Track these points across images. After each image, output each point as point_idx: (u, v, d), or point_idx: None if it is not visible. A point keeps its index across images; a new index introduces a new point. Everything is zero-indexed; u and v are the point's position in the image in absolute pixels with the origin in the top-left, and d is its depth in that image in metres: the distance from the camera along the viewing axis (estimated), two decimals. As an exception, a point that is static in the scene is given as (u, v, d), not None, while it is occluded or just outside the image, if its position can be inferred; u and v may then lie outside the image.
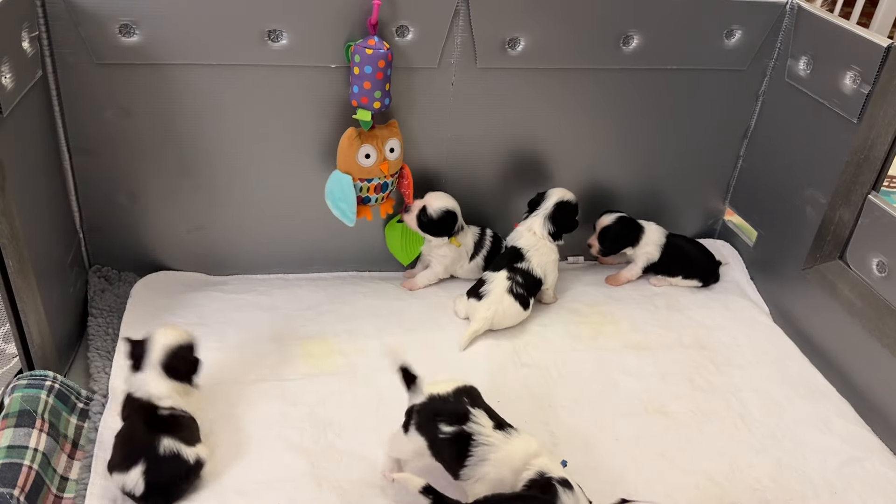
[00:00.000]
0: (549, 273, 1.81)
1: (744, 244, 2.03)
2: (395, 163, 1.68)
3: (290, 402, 1.50)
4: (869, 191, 1.57)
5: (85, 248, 1.74)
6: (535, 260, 1.78)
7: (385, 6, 1.55)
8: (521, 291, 1.74)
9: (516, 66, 1.71)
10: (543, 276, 1.79)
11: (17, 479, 1.21)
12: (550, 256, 1.81)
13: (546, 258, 1.80)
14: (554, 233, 1.81)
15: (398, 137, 1.67)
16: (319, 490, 1.33)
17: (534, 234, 1.80)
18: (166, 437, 1.26)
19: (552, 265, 1.82)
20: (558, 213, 1.81)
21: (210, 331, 1.66)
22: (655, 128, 1.89)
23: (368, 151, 1.63)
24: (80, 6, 1.45)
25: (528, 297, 1.76)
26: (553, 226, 1.80)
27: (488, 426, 1.26)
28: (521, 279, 1.75)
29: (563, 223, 1.82)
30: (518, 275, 1.75)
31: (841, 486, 1.43)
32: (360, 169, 1.64)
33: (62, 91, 1.53)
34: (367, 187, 1.67)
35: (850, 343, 1.63)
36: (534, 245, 1.79)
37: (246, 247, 1.83)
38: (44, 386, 1.38)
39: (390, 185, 1.71)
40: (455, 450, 1.25)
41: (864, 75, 1.56)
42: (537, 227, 1.80)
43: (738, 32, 1.78)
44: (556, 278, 1.84)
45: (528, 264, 1.77)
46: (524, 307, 1.75)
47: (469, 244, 1.87)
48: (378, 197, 1.70)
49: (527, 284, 1.76)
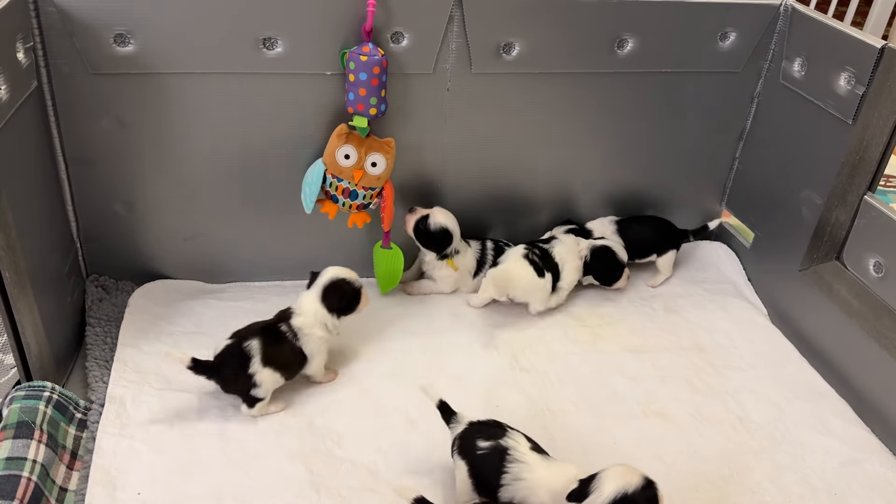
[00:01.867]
0: (567, 270, 1.81)
1: (741, 246, 2.03)
2: (372, 178, 1.66)
3: (289, 409, 1.50)
4: (865, 191, 1.58)
5: (82, 258, 1.74)
6: (559, 248, 1.81)
7: (379, 13, 1.56)
8: (536, 260, 1.76)
9: (511, 70, 1.72)
10: (561, 266, 1.80)
11: (16, 490, 1.20)
12: (573, 254, 1.83)
13: (570, 254, 1.82)
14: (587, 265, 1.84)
15: (386, 155, 1.65)
16: (318, 498, 1.33)
17: (576, 244, 1.85)
18: (255, 342, 1.43)
19: (572, 265, 1.82)
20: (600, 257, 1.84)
21: (208, 339, 1.65)
22: (651, 131, 1.89)
23: (349, 153, 1.63)
24: (75, 16, 1.45)
25: (543, 268, 1.76)
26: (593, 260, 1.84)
27: (524, 446, 1.28)
28: (538, 253, 1.78)
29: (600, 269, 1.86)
30: (537, 249, 1.79)
31: (840, 488, 1.43)
32: (335, 165, 1.65)
33: (57, 101, 1.53)
34: (335, 185, 1.67)
35: (848, 344, 1.63)
36: (565, 241, 1.83)
37: (243, 255, 1.83)
38: (42, 397, 1.38)
39: (360, 196, 1.68)
40: (491, 466, 1.26)
41: (858, 76, 1.56)
42: (584, 246, 1.85)
43: (732, 35, 1.79)
44: (572, 282, 1.83)
45: (551, 249, 1.80)
46: (539, 274, 1.75)
47: (470, 264, 1.85)
48: (345, 201, 1.69)
49: (543, 260, 1.77)
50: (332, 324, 1.53)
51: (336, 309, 1.52)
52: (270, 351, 1.45)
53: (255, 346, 1.44)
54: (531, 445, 1.29)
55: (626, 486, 1.15)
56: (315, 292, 1.52)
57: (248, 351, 1.43)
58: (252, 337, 1.45)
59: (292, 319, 1.50)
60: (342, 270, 1.54)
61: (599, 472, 1.19)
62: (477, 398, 1.56)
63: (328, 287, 1.52)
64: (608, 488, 1.16)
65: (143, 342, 1.62)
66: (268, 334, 1.47)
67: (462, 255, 1.84)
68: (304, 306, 1.52)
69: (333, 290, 1.52)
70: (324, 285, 1.52)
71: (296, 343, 1.49)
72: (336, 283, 1.52)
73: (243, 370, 1.43)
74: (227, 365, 1.43)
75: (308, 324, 1.50)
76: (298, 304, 1.52)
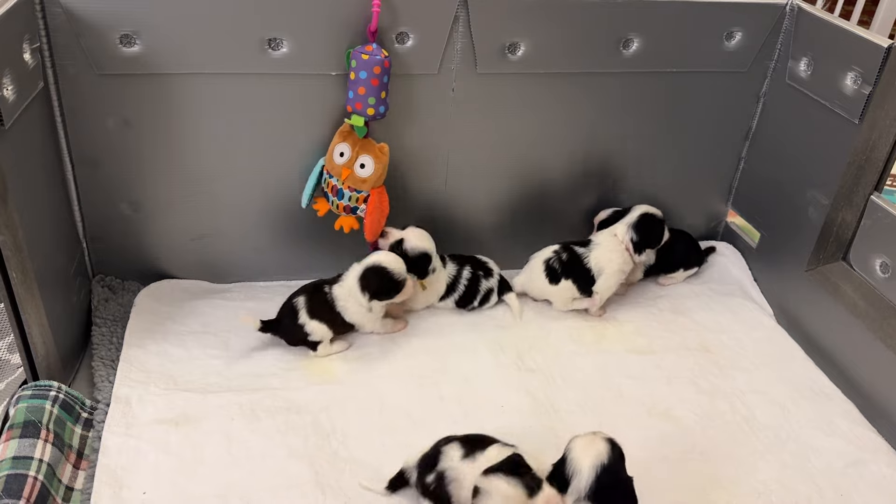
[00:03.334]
0: (605, 274, 1.76)
1: (747, 246, 2.03)
2: (358, 179, 1.64)
3: (294, 409, 1.50)
4: (871, 192, 1.57)
5: (88, 258, 1.74)
6: (596, 252, 1.77)
7: (385, 13, 1.56)
8: (556, 266, 1.75)
9: (516, 71, 1.72)
10: (596, 273, 1.76)
11: (22, 490, 1.21)
12: (615, 260, 1.77)
13: (609, 257, 1.77)
14: (637, 243, 1.77)
15: (376, 159, 1.62)
16: (324, 498, 1.33)
17: (614, 235, 1.79)
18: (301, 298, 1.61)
19: (613, 270, 1.76)
20: (643, 224, 1.79)
21: (214, 338, 1.66)
22: (657, 131, 1.89)
23: (343, 151, 1.63)
24: (81, 17, 1.46)
25: (561, 275, 1.75)
26: (637, 235, 1.78)
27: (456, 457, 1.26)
28: (566, 258, 1.76)
29: (648, 236, 1.79)
30: (566, 253, 1.76)
31: (846, 488, 1.43)
32: (331, 161, 1.66)
33: (64, 102, 1.54)
34: (327, 181, 1.68)
35: (855, 344, 1.63)
36: (605, 243, 1.79)
37: (248, 254, 1.83)
38: (48, 396, 1.38)
39: (346, 197, 1.66)
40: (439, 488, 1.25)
41: (864, 76, 1.56)
42: (620, 231, 1.79)
43: (738, 34, 1.78)
44: (610, 287, 1.78)
45: (587, 252, 1.77)
46: (552, 281, 1.75)
47: (440, 286, 1.78)
48: (333, 199, 1.68)
49: (569, 265, 1.75)
50: (365, 303, 1.61)
51: (368, 291, 1.60)
52: (314, 306, 1.61)
53: (301, 302, 1.61)
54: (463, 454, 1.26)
55: (599, 456, 1.16)
56: (357, 270, 1.62)
57: (296, 305, 1.60)
58: (300, 294, 1.63)
59: (335, 285, 1.64)
60: (388, 257, 1.62)
61: (566, 452, 1.19)
62: (482, 399, 1.56)
63: (367, 270, 1.61)
64: (584, 466, 1.16)
65: (149, 342, 1.63)
66: (313, 292, 1.63)
67: (436, 278, 1.76)
68: (347, 279, 1.63)
69: (371, 274, 1.61)
70: (364, 267, 1.62)
71: (335, 307, 1.62)
72: (375, 269, 1.61)
73: (295, 322, 1.60)
74: (285, 319, 1.61)
75: (342, 296, 1.62)
76: (346, 275, 1.64)
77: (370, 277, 1.60)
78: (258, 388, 1.54)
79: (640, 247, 1.79)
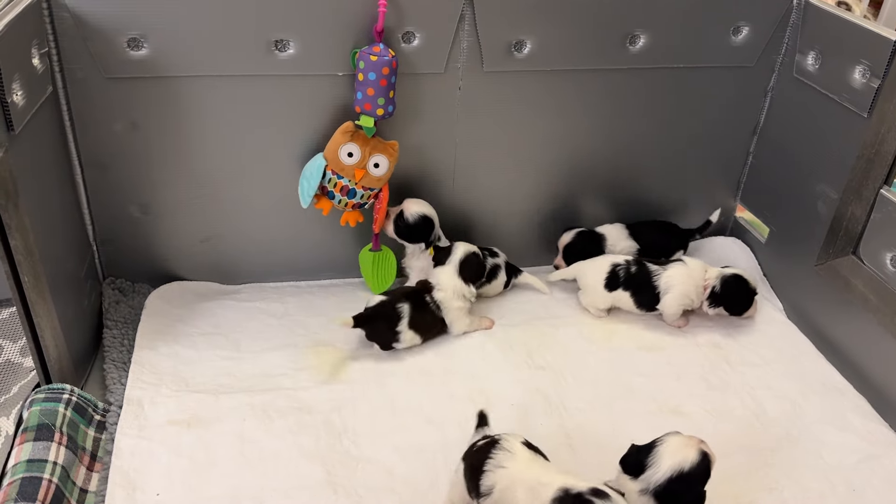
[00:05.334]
0: (670, 296, 1.74)
1: (756, 241, 2.02)
2: (374, 178, 1.66)
3: (305, 409, 1.51)
4: (881, 185, 1.56)
5: (99, 261, 1.75)
6: (673, 272, 1.74)
7: (391, 13, 1.56)
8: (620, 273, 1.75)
9: (523, 68, 1.71)
10: (663, 291, 1.74)
11: (37, 492, 1.22)
12: (684, 284, 1.73)
13: (682, 280, 1.73)
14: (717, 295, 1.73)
15: (389, 157, 1.65)
16: (336, 497, 1.33)
17: (704, 270, 1.76)
18: (406, 305, 1.63)
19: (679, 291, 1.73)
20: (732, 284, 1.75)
21: (224, 340, 1.67)
22: (664, 126, 1.89)
23: (352, 151, 1.63)
24: (89, 21, 1.46)
25: (619, 284, 1.75)
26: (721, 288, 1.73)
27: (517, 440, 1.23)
28: (635, 271, 1.75)
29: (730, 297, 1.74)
30: (637, 266, 1.75)
31: (859, 484, 1.42)
32: (337, 161, 1.65)
33: (73, 106, 1.54)
34: (334, 181, 1.67)
35: (866, 339, 1.62)
36: (690, 265, 1.75)
37: (258, 255, 1.83)
38: (61, 399, 1.39)
39: (358, 196, 1.68)
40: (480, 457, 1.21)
41: (873, 69, 1.55)
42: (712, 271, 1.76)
43: (745, 29, 1.78)
44: (674, 314, 1.76)
45: (660, 270, 1.75)
46: (609, 288, 1.76)
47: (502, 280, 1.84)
48: (342, 199, 1.68)
49: (635, 279, 1.74)
50: (470, 293, 1.70)
51: (472, 280, 1.69)
52: (417, 316, 1.64)
53: (406, 310, 1.63)
54: (524, 440, 1.24)
55: (683, 462, 1.16)
56: (451, 268, 1.68)
57: (400, 312, 1.62)
58: (404, 300, 1.64)
59: (434, 293, 1.67)
60: (470, 245, 1.71)
61: (657, 442, 1.19)
62: (492, 397, 1.56)
63: (463, 262, 1.68)
64: (665, 464, 1.16)
65: (160, 344, 1.63)
66: (416, 300, 1.65)
67: None
68: (442, 281, 1.67)
69: (465, 262, 1.69)
70: (459, 261, 1.68)
71: (437, 313, 1.68)
72: (469, 258, 1.69)
73: (391, 327, 1.62)
74: (379, 320, 1.62)
75: (448, 297, 1.67)
76: (437, 280, 1.68)
77: (466, 265, 1.69)
78: (269, 389, 1.55)
79: (716, 301, 1.74)
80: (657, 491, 1.17)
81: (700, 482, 1.18)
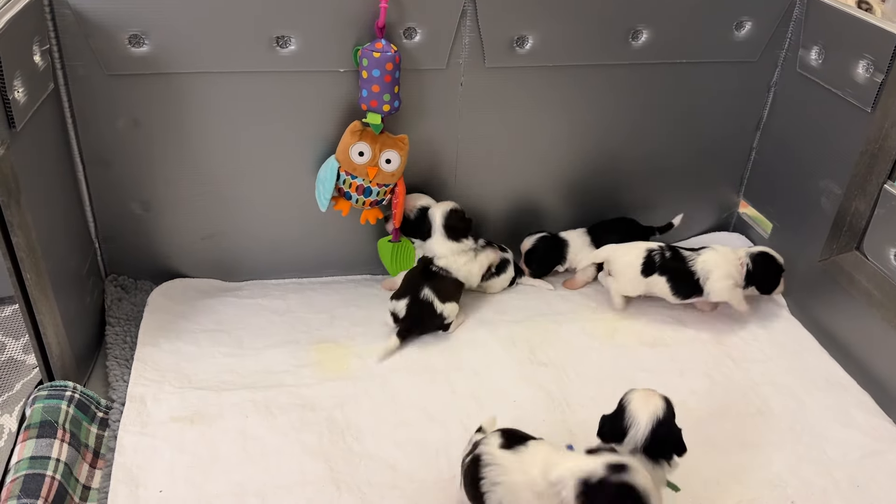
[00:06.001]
0: (714, 279, 1.70)
1: (759, 236, 2.02)
2: (387, 175, 1.66)
3: (308, 406, 1.51)
4: (885, 180, 1.56)
5: (101, 258, 1.75)
6: (707, 256, 1.72)
7: (392, 9, 1.55)
8: (656, 259, 1.72)
9: (525, 64, 1.71)
10: (704, 278, 1.71)
11: (40, 489, 1.22)
12: (722, 267, 1.71)
13: (719, 262, 1.71)
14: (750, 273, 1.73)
15: (400, 152, 1.65)
16: (339, 493, 1.33)
17: (733, 251, 1.74)
18: (427, 289, 1.65)
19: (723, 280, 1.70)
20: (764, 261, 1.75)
21: (226, 336, 1.67)
22: (667, 122, 1.88)
23: (363, 150, 1.63)
24: (90, 18, 1.46)
25: (655, 269, 1.72)
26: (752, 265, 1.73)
27: (494, 445, 1.20)
28: (669, 255, 1.73)
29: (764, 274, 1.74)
30: (671, 252, 1.73)
31: (863, 479, 1.42)
32: (349, 162, 1.65)
33: (74, 103, 1.54)
34: (349, 182, 1.67)
35: (869, 334, 1.62)
36: (721, 251, 1.73)
37: (260, 252, 1.83)
38: (64, 396, 1.39)
39: (374, 193, 1.68)
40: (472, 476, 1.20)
41: (877, 64, 1.54)
42: (742, 252, 1.75)
43: (748, 24, 1.77)
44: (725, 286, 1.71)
45: (695, 255, 1.72)
46: (645, 273, 1.73)
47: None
48: (359, 198, 1.69)
49: (670, 264, 1.72)
50: (467, 245, 1.74)
51: (463, 235, 1.74)
52: (441, 287, 1.67)
53: (429, 293, 1.65)
54: (501, 442, 1.21)
55: (656, 410, 1.20)
56: (439, 234, 1.72)
57: (428, 298, 1.65)
58: (422, 287, 1.66)
59: (437, 262, 1.72)
60: (446, 204, 1.74)
61: (624, 404, 1.22)
62: (494, 393, 1.56)
63: (447, 225, 1.72)
64: (643, 418, 1.19)
65: (163, 340, 1.63)
66: (429, 277, 1.69)
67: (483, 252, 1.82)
68: (437, 250, 1.72)
69: (451, 225, 1.73)
70: (443, 226, 1.72)
71: (451, 276, 1.72)
72: (450, 218, 1.73)
73: (433, 313, 1.66)
74: (419, 315, 1.65)
75: (451, 261, 1.72)
76: (431, 252, 1.73)
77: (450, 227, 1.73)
78: (272, 385, 1.55)
79: (750, 279, 1.74)
80: (645, 446, 1.19)
81: (674, 422, 1.22)
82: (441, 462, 1.40)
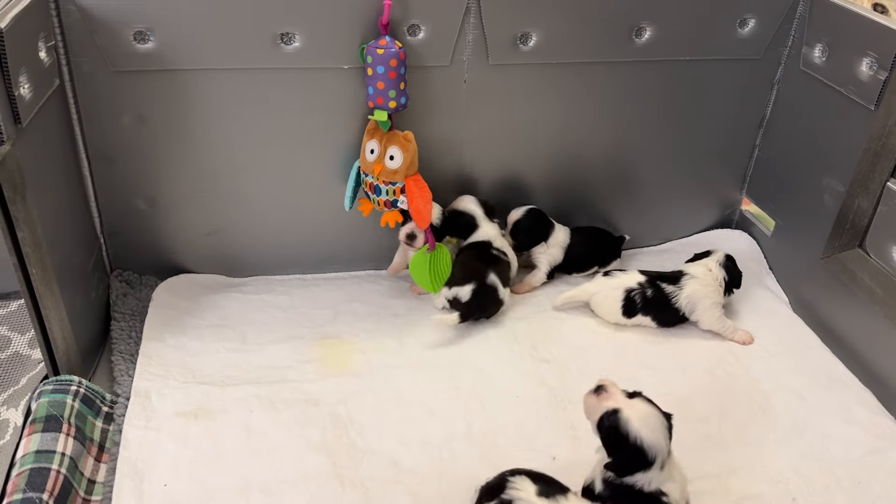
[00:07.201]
0: (700, 311, 1.72)
1: (762, 234, 2.02)
2: (390, 171, 1.65)
3: (311, 401, 1.51)
4: (887, 178, 1.56)
5: (106, 254, 1.76)
6: (690, 289, 1.72)
7: (396, 6, 1.56)
8: (637, 300, 1.71)
9: (528, 61, 1.71)
10: (689, 311, 1.72)
11: (45, 483, 1.23)
12: (709, 297, 1.72)
13: (704, 293, 1.72)
14: (727, 283, 1.75)
15: (402, 149, 1.63)
16: (342, 488, 1.34)
17: (709, 270, 1.75)
18: (493, 275, 1.71)
19: (710, 311, 1.72)
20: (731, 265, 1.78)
21: (231, 332, 1.68)
22: (670, 119, 1.88)
23: (374, 147, 1.64)
24: (95, 15, 1.47)
25: (637, 310, 1.72)
26: (727, 275, 1.75)
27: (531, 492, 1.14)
28: (651, 294, 1.72)
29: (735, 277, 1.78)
30: (652, 289, 1.72)
31: (864, 477, 1.42)
32: (364, 160, 1.67)
33: (79, 99, 1.55)
34: (365, 181, 1.69)
35: (872, 332, 1.62)
36: (700, 276, 1.74)
37: (264, 248, 1.84)
38: (69, 391, 1.40)
39: (384, 192, 1.67)
40: None
41: (880, 61, 1.54)
42: (714, 266, 1.75)
43: (751, 21, 1.77)
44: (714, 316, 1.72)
45: (677, 291, 1.72)
46: (626, 314, 1.73)
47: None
48: (373, 197, 1.69)
49: (653, 302, 1.72)
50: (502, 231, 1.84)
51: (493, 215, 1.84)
52: (502, 274, 1.74)
53: (495, 279, 1.71)
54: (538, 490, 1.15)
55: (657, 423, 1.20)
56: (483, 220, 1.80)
57: (493, 283, 1.71)
58: (488, 272, 1.71)
59: (495, 243, 1.79)
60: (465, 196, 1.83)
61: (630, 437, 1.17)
62: (497, 389, 1.57)
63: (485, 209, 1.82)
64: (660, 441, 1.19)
65: (168, 336, 1.64)
66: (493, 263, 1.75)
67: None
68: (490, 233, 1.79)
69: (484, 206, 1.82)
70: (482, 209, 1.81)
71: (505, 259, 1.79)
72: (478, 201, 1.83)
73: (495, 298, 1.72)
74: (484, 299, 1.70)
75: (501, 242, 1.81)
76: (485, 234, 1.79)
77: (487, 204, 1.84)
78: (276, 381, 1.55)
79: (729, 289, 1.77)
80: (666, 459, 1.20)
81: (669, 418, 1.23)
82: (444, 458, 1.41)
